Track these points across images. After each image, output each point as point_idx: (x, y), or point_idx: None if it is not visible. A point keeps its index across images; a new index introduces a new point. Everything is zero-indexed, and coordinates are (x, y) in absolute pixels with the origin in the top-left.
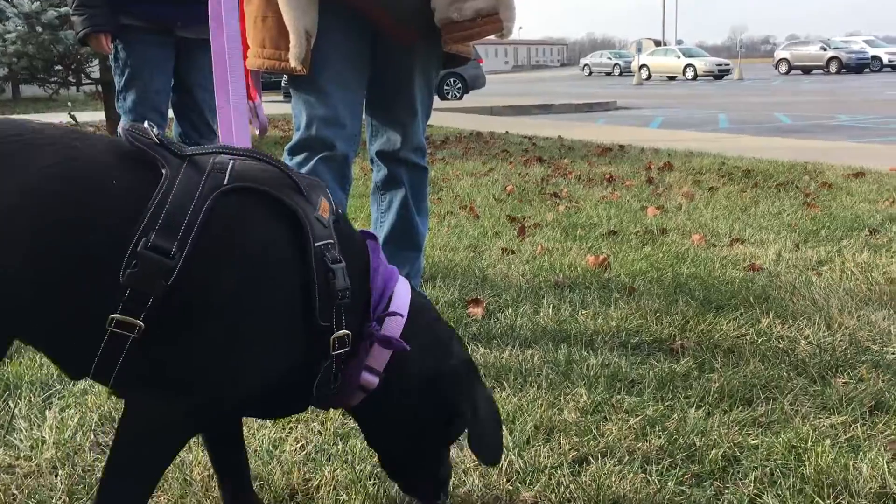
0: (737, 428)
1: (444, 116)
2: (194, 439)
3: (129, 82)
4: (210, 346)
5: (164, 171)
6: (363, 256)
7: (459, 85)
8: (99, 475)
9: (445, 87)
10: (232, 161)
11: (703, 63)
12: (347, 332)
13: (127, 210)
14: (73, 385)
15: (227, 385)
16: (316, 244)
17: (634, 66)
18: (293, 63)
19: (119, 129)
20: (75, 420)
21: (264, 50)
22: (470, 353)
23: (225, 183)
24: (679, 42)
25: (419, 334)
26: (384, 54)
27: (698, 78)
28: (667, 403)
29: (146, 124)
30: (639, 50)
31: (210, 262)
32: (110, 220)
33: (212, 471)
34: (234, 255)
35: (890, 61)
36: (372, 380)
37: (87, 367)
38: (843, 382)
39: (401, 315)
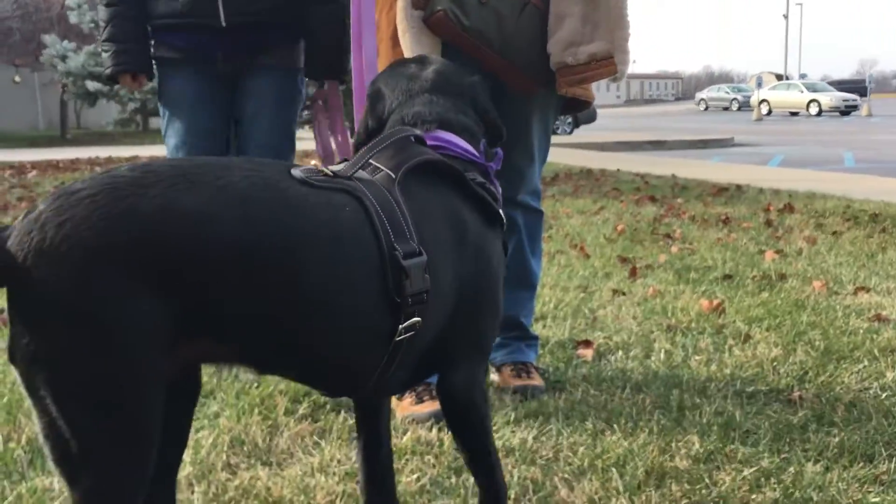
0: (857, 485)
1: (554, 152)
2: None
3: (169, 123)
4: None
5: (358, 195)
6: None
7: (570, 120)
8: (230, 494)
9: (556, 122)
10: (372, 158)
11: (828, 98)
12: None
13: (365, 234)
14: (207, 408)
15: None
16: (469, 177)
17: (754, 100)
18: None
19: (295, 174)
20: (209, 441)
21: None
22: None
23: (394, 177)
24: (803, 76)
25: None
26: (504, 103)
27: (823, 114)
28: (783, 456)
29: (312, 163)
30: (759, 84)
31: (431, 234)
32: (362, 247)
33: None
34: (443, 220)
35: None
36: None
37: (363, 380)
38: None
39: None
